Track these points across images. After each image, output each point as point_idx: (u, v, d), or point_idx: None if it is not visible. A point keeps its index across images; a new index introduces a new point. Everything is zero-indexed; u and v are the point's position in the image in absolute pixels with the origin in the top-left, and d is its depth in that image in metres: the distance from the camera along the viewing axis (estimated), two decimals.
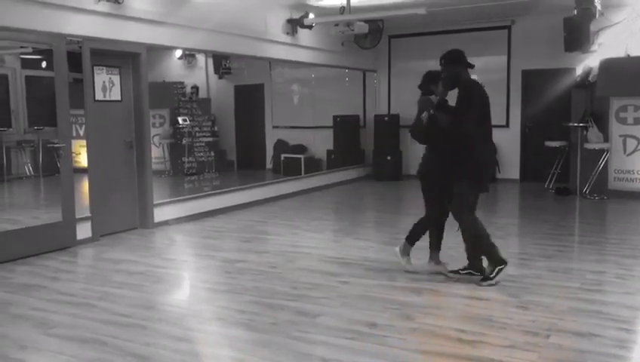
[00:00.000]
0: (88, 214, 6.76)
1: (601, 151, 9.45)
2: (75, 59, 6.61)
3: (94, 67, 6.84)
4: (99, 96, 6.95)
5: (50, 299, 4.76)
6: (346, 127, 12.07)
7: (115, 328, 4.08)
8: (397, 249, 5.37)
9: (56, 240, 6.40)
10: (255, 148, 11.93)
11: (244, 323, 4.20)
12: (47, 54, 6.41)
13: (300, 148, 11.44)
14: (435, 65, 5.38)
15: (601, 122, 9.55)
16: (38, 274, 5.54)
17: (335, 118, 11.77)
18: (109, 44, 6.86)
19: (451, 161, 4.93)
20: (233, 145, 11.77)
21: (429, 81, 5.19)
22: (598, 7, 8.12)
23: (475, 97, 5.03)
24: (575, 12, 8.27)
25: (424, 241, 5.34)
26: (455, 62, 5.20)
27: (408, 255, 5.34)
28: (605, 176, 9.54)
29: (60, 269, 5.72)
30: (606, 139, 9.49)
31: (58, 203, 6.54)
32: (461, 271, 5.11)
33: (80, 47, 6.58)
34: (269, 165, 11.71)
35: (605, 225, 7.99)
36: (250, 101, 11.83)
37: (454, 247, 5.43)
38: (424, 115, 5.03)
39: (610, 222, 8.24)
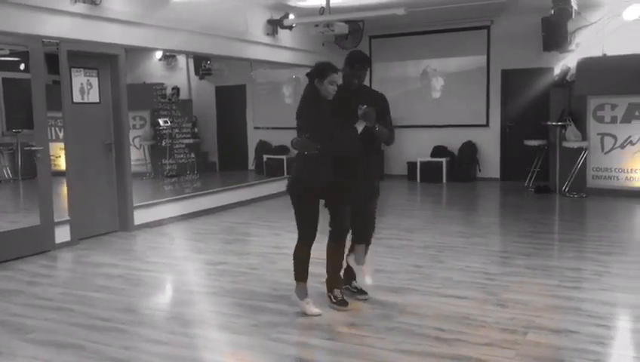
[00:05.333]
0: (67, 217, 6.70)
1: (580, 150, 9.56)
2: (53, 61, 6.56)
3: (72, 69, 6.78)
4: (77, 98, 6.89)
5: (27, 304, 4.71)
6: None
7: (93, 332, 4.05)
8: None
9: (34, 244, 6.34)
10: (237, 149, 11.90)
11: (225, 326, 4.20)
12: (25, 56, 6.34)
13: (283, 149, 11.42)
14: (416, 64, 5.28)
15: (579, 121, 9.67)
16: (15, 278, 5.48)
17: None
18: (87, 45, 6.81)
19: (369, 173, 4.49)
20: (215, 147, 11.73)
21: (316, 75, 4.12)
22: (575, 6, 8.21)
23: None
24: (552, 12, 8.36)
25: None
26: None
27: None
28: (584, 174, 9.66)
29: (38, 273, 5.66)
30: (584, 138, 9.61)
31: (37, 206, 6.46)
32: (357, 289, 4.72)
33: (57, 49, 6.52)
34: (251, 166, 11.69)
35: (584, 223, 8.08)
36: (231, 102, 11.80)
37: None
38: (361, 125, 4.16)
39: (589, 219, 8.34)
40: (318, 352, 3.71)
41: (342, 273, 4.60)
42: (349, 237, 4.54)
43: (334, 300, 4.46)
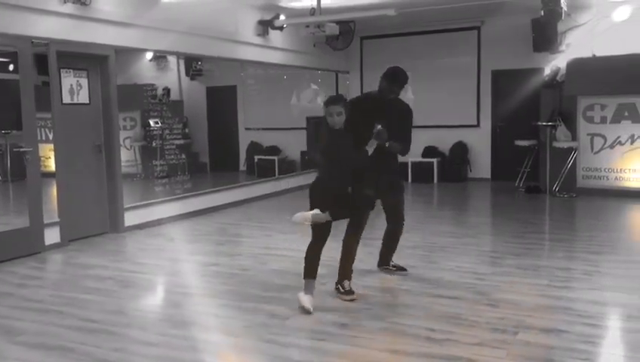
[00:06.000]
0: (57, 219, 6.66)
1: (570, 150, 9.61)
2: (43, 62, 6.51)
3: (61, 70, 6.74)
4: (66, 99, 6.85)
5: (16, 306, 4.67)
6: (319, 128, 12.05)
7: (82, 334, 4.03)
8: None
9: (23, 246, 6.29)
10: (228, 150, 11.87)
11: (217, 327, 4.19)
12: (14, 57, 6.30)
13: (274, 150, 11.42)
14: (407, 65, 5.33)
15: (569, 121, 9.72)
16: (4, 280, 5.43)
17: (308, 119, 11.78)
18: (76, 46, 6.77)
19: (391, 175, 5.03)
20: (206, 147, 11.69)
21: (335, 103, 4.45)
22: (564, 8, 8.24)
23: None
24: (542, 13, 8.39)
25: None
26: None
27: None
28: (574, 174, 9.71)
29: (27, 275, 5.62)
30: (574, 138, 9.66)
31: (27, 208, 6.42)
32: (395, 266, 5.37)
33: (47, 50, 6.48)
34: (242, 167, 11.67)
35: (574, 223, 8.13)
36: (222, 103, 11.76)
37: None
38: (373, 145, 4.55)
39: (579, 219, 8.38)
40: (310, 353, 3.70)
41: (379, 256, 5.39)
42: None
43: (342, 290, 4.67)
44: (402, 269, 5.33)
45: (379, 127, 4.58)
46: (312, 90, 12.27)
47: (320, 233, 4.48)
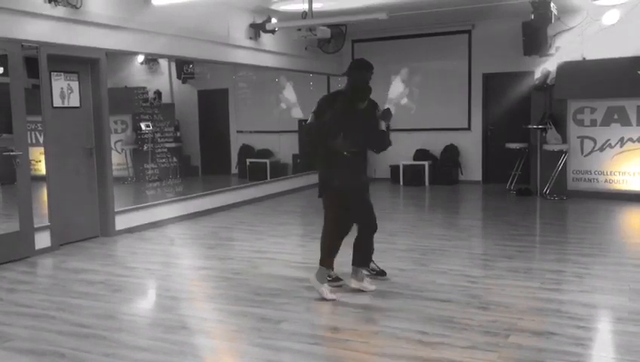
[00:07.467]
0: (47, 223, 6.62)
1: (560, 153, 9.67)
2: (34, 65, 6.48)
3: (52, 73, 6.71)
4: (57, 102, 6.82)
5: (6, 311, 4.64)
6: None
7: (74, 339, 4.00)
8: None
9: (13, 251, 6.25)
10: (220, 153, 11.84)
11: (207, 331, 4.18)
12: (3, 60, 6.26)
13: (266, 153, 11.41)
14: (398, 68, 5.39)
15: (560, 124, 9.79)
16: None
17: (300, 122, 11.78)
18: (67, 49, 6.74)
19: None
20: (197, 151, 11.66)
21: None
22: (554, 11, 8.31)
23: None
24: (532, 16, 8.45)
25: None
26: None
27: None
28: (564, 177, 9.77)
29: (17, 280, 5.58)
30: (564, 141, 9.72)
31: (17, 212, 6.38)
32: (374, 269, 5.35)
33: (37, 53, 6.45)
34: (234, 170, 11.64)
35: (565, 225, 8.17)
36: (214, 106, 11.73)
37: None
38: (382, 125, 4.88)
39: (570, 221, 8.42)
40: (302, 357, 3.69)
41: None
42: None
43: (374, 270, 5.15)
44: (382, 273, 5.31)
45: (387, 106, 4.74)
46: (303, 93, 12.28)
47: (348, 226, 4.80)
